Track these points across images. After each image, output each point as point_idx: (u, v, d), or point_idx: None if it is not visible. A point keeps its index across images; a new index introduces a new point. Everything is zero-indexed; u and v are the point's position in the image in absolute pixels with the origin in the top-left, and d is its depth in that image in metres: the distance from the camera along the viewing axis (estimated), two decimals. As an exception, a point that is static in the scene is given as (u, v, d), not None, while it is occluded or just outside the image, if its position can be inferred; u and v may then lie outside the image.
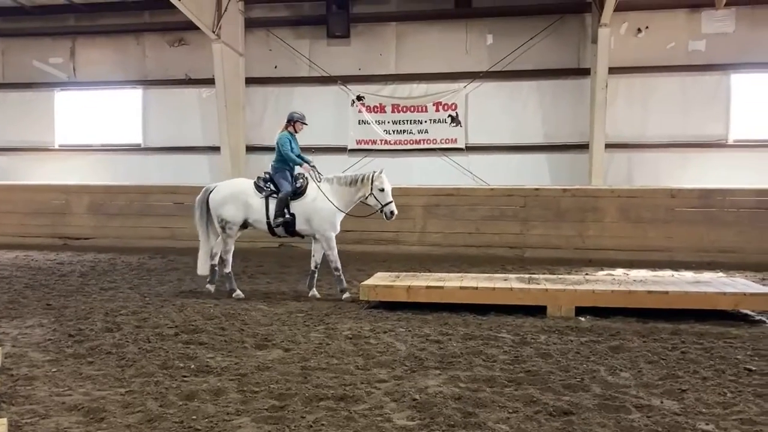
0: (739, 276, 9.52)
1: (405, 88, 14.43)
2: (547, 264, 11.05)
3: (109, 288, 8.71)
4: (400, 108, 14.39)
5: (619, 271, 10.38)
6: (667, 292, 6.90)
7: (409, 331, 6.22)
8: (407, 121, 14.38)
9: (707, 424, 3.84)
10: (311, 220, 7.97)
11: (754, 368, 4.96)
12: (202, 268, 8.35)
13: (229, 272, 8.20)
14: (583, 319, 6.72)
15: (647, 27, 13.44)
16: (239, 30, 14.74)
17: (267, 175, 8.24)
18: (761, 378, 4.74)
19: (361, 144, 14.54)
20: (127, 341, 5.77)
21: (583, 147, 13.36)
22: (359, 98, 14.52)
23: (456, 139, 14.23)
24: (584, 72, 13.45)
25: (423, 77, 14.32)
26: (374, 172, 7.94)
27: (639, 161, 13.50)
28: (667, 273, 10.24)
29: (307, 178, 8.12)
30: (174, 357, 5.26)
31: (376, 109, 14.49)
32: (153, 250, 12.72)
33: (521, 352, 5.45)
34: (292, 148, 8.16)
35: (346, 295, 7.88)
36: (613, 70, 12.83)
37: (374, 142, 14.49)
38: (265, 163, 15.15)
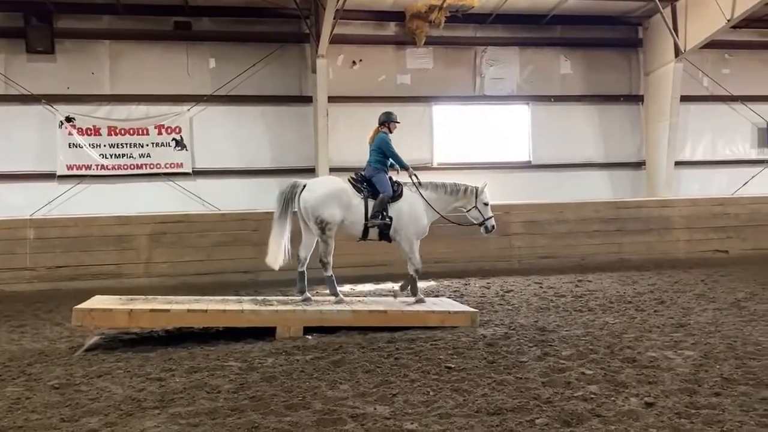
0: (447, 282, 10.97)
1: (123, 110, 13.57)
2: (281, 286, 11.16)
3: None
4: (117, 131, 13.47)
5: (346, 287, 10.93)
6: (386, 312, 7.48)
7: (128, 371, 5.76)
8: (127, 144, 13.50)
9: (412, 423, 4.21)
10: (400, 221, 7.89)
11: (453, 366, 5.58)
12: (275, 260, 7.87)
13: (331, 275, 7.91)
14: (309, 337, 6.92)
15: (361, 60, 14.59)
16: None
17: (361, 176, 8.02)
18: (458, 374, 5.35)
19: (72, 169, 13.23)
20: None
21: (310, 171, 13.89)
22: (69, 119, 13.22)
23: (182, 164, 13.77)
24: (307, 99, 14.06)
25: (143, 98, 13.63)
26: (478, 186, 8.15)
27: (361, 184, 14.51)
28: (388, 286, 11.09)
29: (400, 183, 8.05)
30: None
31: (89, 132, 13.34)
32: None
33: (247, 378, 5.40)
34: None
35: (411, 295, 8.10)
36: (333, 99, 13.65)
37: (88, 167, 13.31)
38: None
